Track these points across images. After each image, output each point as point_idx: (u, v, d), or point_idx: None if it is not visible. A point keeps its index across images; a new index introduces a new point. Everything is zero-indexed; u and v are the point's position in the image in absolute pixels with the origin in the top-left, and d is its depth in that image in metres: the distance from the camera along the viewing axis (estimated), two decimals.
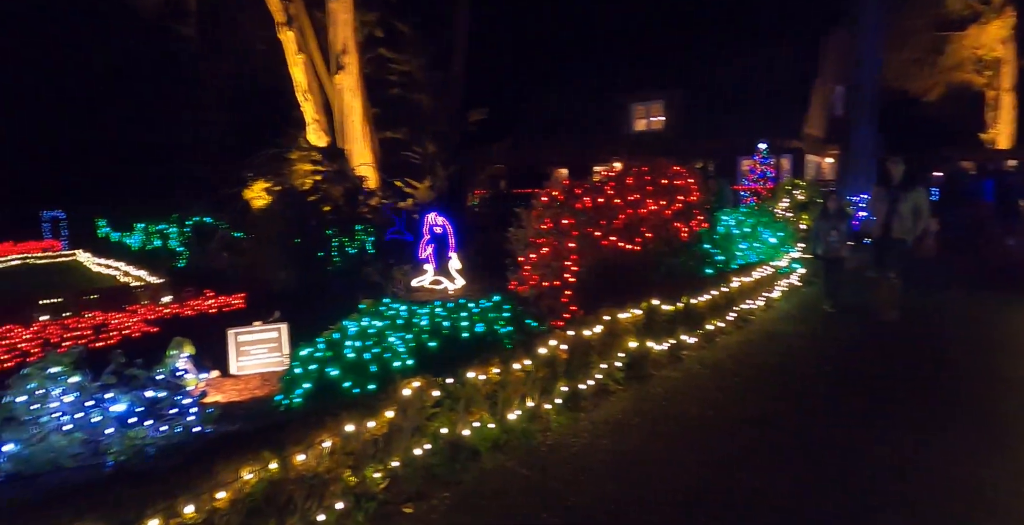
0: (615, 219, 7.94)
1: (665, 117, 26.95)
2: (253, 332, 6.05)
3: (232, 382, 5.89)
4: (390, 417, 3.96)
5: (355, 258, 11.24)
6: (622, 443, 4.81)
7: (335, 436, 3.66)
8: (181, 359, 4.96)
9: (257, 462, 3.32)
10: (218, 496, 3.17)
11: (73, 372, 4.32)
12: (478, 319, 6.06)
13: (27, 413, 4.20)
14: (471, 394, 4.52)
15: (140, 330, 8.43)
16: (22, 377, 4.22)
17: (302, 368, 4.95)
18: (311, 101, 22.53)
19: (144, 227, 20.69)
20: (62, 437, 4.17)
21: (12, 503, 3.00)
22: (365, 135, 21.78)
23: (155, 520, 3.00)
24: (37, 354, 7.42)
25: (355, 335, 5.32)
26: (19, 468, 4.12)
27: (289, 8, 21.45)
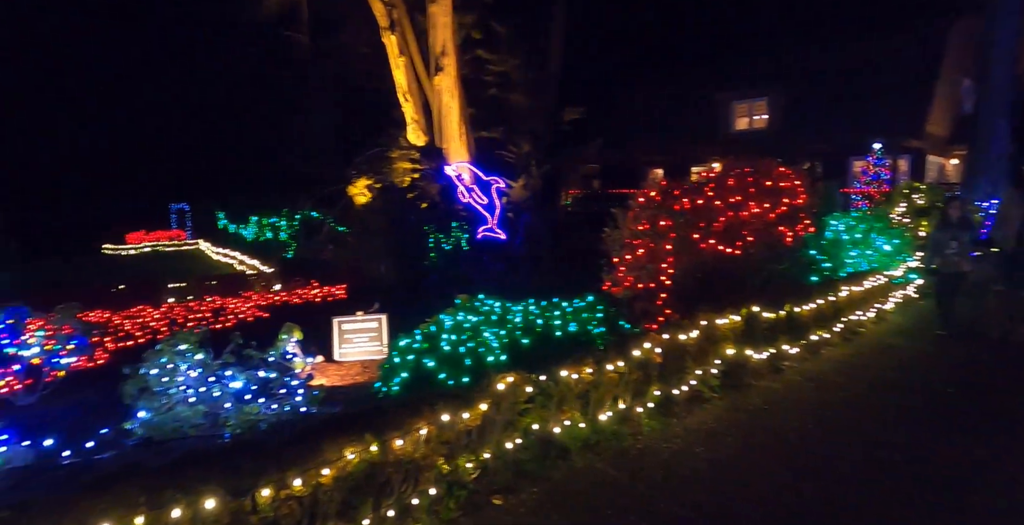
0: (715, 222, 7.68)
1: (768, 115, 25.72)
2: (356, 321, 6.35)
3: (335, 367, 6.21)
4: (484, 410, 4.04)
5: (450, 254, 11.54)
6: (716, 452, 4.66)
7: (431, 424, 3.78)
8: (291, 343, 5.27)
9: (359, 444, 3.49)
10: (324, 473, 3.36)
11: (198, 350, 4.71)
12: (571, 318, 6.06)
13: (158, 384, 4.63)
14: (564, 392, 4.53)
15: (253, 315, 9.08)
16: (155, 352, 4.65)
17: (400, 358, 5.14)
18: (411, 102, 23.31)
19: (257, 220, 22.24)
20: (187, 408, 4.56)
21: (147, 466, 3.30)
22: (462, 135, 22.27)
23: (267, 489, 3.23)
24: (164, 332, 8.18)
25: (451, 329, 5.46)
26: (150, 433, 4.56)
27: (392, 13, 22.30)
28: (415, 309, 7.42)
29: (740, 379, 6.03)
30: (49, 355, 5.83)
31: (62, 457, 4.41)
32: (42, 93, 35.28)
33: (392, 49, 22.82)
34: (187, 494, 3.08)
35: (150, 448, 4.40)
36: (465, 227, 12.71)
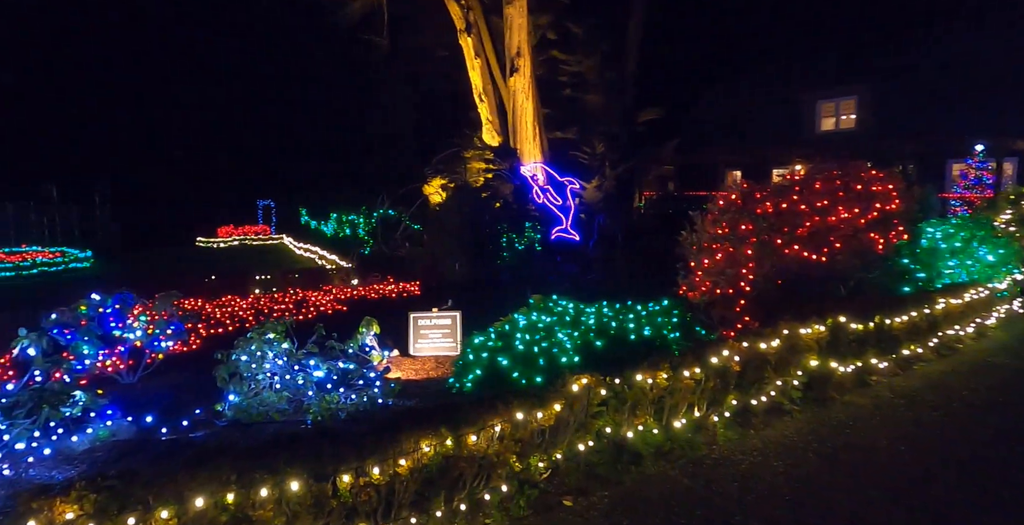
0: (800, 227, 7.37)
1: (857, 115, 24.35)
2: (431, 317, 6.49)
3: (410, 362, 6.37)
4: (557, 410, 4.04)
5: (523, 254, 11.60)
6: (796, 468, 4.46)
7: (506, 422, 3.81)
8: (369, 337, 5.45)
9: (435, 437, 3.56)
10: (400, 463, 3.46)
11: (284, 339, 4.95)
12: (646, 322, 5.96)
13: (247, 370, 4.89)
14: (638, 397, 4.46)
15: (332, 308, 9.43)
16: (245, 340, 4.92)
17: (474, 355, 5.21)
18: (486, 103, 23.61)
19: (337, 217, 23.11)
20: (272, 394, 4.79)
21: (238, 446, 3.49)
22: (536, 135, 22.36)
23: (347, 476, 3.35)
24: (251, 322, 8.62)
25: (524, 328, 5.49)
26: (238, 416, 4.82)
27: (469, 15, 22.63)
28: (487, 307, 7.51)
29: (823, 392, 5.76)
30: (150, 338, 6.27)
31: (160, 433, 4.73)
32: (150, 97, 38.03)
33: (468, 51, 23.17)
34: (274, 475, 3.23)
35: (238, 429, 4.66)
36: (538, 227, 12.75)
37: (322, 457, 3.33)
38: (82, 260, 19.18)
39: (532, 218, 14.21)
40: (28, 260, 17.56)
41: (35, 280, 16.24)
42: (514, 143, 22.37)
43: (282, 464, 3.26)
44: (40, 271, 17.11)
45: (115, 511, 3.04)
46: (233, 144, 38.46)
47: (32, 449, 4.34)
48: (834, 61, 25.45)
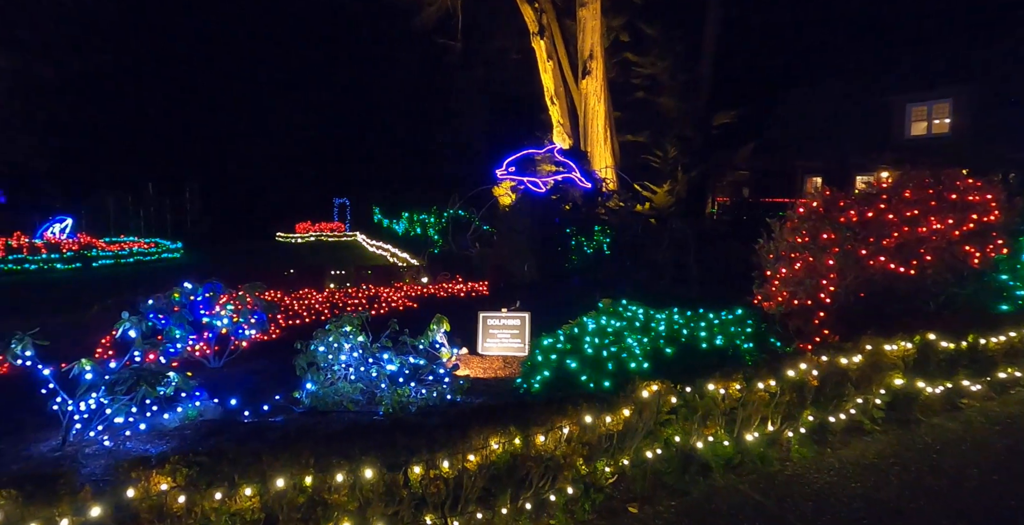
0: (887, 237, 7.00)
1: (951, 119, 22.81)
2: (500, 317, 6.57)
3: (478, 360, 6.46)
4: (626, 416, 4.01)
5: (591, 257, 11.54)
6: (876, 491, 4.25)
7: (574, 424, 3.82)
8: (439, 334, 5.56)
9: (504, 435, 3.61)
10: (470, 458, 3.52)
11: (359, 333, 5.13)
12: (718, 331, 5.83)
13: (324, 361, 5.10)
14: (709, 407, 4.37)
15: (404, 304, 9.68)
16: (324, 331, 5.13)
17: (542, 357, 5.24)
18: (557, 105, 23.63)
19: (409, 216, 23.69)
20: (347, 385, 4.98)
21: (316, 432, 3.66)
22: (607, 138, 22.21)
23: (418, 467, 3.44)
24: (326, 315, 8.97)
25: (593, 332, 5.47)
26: (315, 404, 5.03)
27: (542, 18, 22.72)
28: (555, 310, 7.53)
29: (908, 413, 5.45)
30: (235, 326, 6.63)
31: (243, 416, 4.99)
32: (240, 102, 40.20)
33: (541, 54, 23.25)
34: (350, 462, 3.36)
35: (315, 417, 4.87)
36: (607, 231, 12.64)
37: (395, 448, 3.44)
38: (173, 251, 20.48)
39: (601, 221, 14.11)
40: (125, 249, 18.90)
41: (131, 268, 17.47)
42: (585, 146, 22.29)
43: (357, 452, 3.39)
44: (136, 260, 18.40)
45: (204, 485, 3.24)
46: (313, 144, 40.14)
47: (129, 423, 4.68)
48: (927, 62, 23.97)
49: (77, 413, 4.58)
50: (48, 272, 16.23)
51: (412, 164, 36.43)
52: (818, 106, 27.28)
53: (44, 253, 17.08)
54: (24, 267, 16.26)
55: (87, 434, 4.62)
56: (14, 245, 17.77)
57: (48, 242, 19.01)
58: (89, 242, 19.52)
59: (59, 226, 21.61)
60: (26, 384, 5.43)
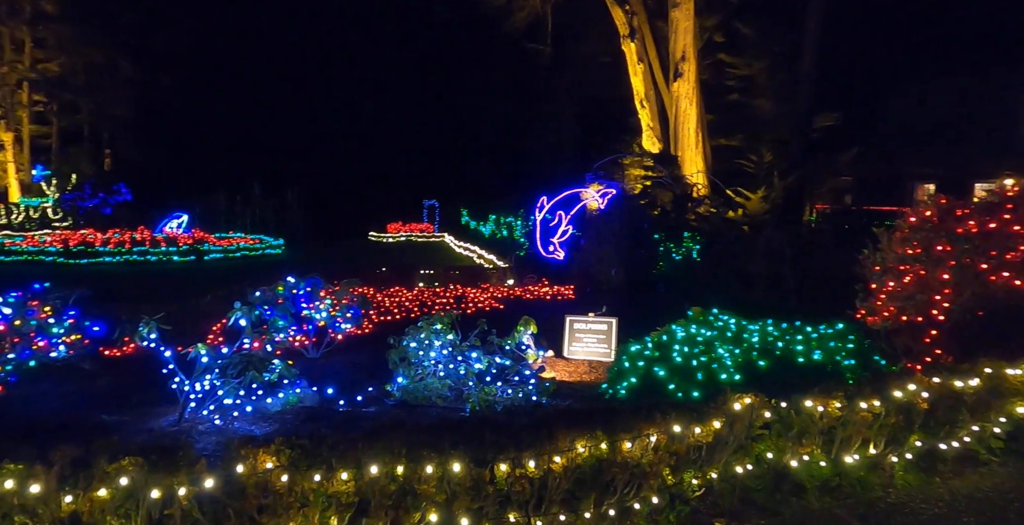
0: (1012, 251, 6.41)
1: None
2: (587, 322, 6.56)
3: (563, 363, 6.48)
4: (717, 427, 3.91)
5: (680, 264, 11.29)
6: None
7: (662, 433, 3.76)
8: (526, 335, 5.61)
9: (591, 439, 3.61)
10: (555, 460, 3.54)
11: (449, 331, 5.28)
12: (816, 345, 5.55)
13: (415, 356, 5.28)
14: (805, 424, 4.18)
15: (490, 305, 9.85)
16: (416, 328, 5.31)
17: (629, 363, 5.18)
18: (647, 108, 23.25)
19: (495, 218, 24.05)
20: (436, 381, 5.13)
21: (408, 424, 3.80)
22: (698, 142, 21.63)
23: (504, 464, 3.50)
24: (416, 313, 9.26)
25: (682, 340, 5.36)
26: (405, 397, 5.23)
27: (633, 20, 22.43)
28: (642, 316, 7.42)
29: None
30: (332, 320, 6.99)
31: (338, 404, 5.26)
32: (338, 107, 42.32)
33: (631, 56, 22.97)
34: (439, 454, 3.47)
35: (405, 409, 5.05)
36: (697, 237, 12.31)
37: (483, 444, 3.52)
38: (275, 247, 21.79)
39: (691, 228, 13.76)
40: (233, 245, 20.30)
41: (238, 262, 18.74)
42: (675, 150, 21.82)
43: (447, 445, 3.49)
44: (242, 254, 19.72)
45: (305, 467, 3.44)
46: (406, 148, 41.59)
47: (237, 405, 5.04)
48: None
49: (192, 393, 4.98)
50: (166, 263, 17.70)
51: (500, 167, 36.96)
52: (931, 107, 25.32)
53: (163, 246, 18.64)
54: (146, 258, 17.83)
55: (200, 412, 5.01)
56: (138, 238, 19.50)
57: (167, 236, 20.71)
58: (202, 237, 21.11)
59: (176, 222, 23.50)
60: (149, 363, 5.96)
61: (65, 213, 30.68)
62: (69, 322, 6.54)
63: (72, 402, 5.59)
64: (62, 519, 3.35)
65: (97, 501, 3.35)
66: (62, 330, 6.46)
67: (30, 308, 6.38)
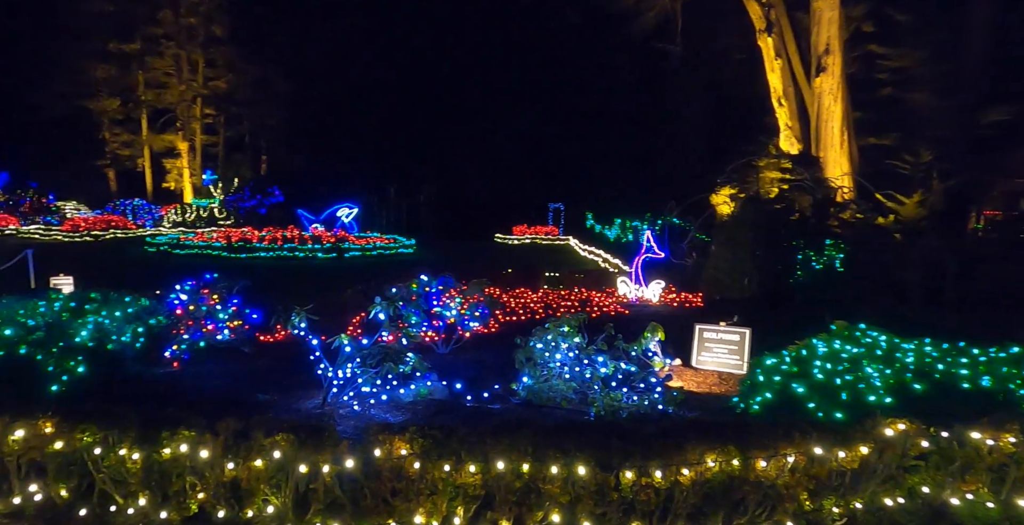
0: None
1: None
2: (718, 331, 6.30)
3: (692, 373, 6.27)
4: (864, 453, 3.61)
5: (821, 274, 10.51)
6: None
7: (800, 454, 3.53)
8: (653, 342, 5.49)
9: (722, 454, 3.47)
10: (683, 472, 3.45)
11: (576, 334, 5.29)
12: (984, 370, 4.94)
13: (541, 358, 5.35)
14: (970, 458, 3.75)
15: (615, 310, 9.74)
16: (543, 329, 5.38)
17: (764, 377, 4.91)
18: (785, 107, 21.86)
19: (621, 222, 23.75)
20: (562, 383, 5.17)
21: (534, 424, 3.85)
22: (843, 142, 20.05)
23: (630, 472, 3.46)
24: (540, 314, 9.37)
25: (824, 356, 5.00)
26: (529, 397, 5.31)
27: (770, 14, 21.16)
28: (777, 328, 7.01)
29: None
30: (461, 318, 7.25)
31: (465, 399, 5.44)
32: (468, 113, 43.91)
33: (768, 52, 21.74)
34: (565, 456, 3.50)
35: (529, 409, 5.13)
36: (841, 245, 11.39)
37: (609, 450, 3.50)
38: (408, 246, 22.99)
39: (834, 235, 12.77)
40: (370, 244, 21.68)
41: (373, 259, 19.99)
42: (816, 151, 20.38)
43: (572, 448, 3.51)
44: (378, 253, 21.00)
45: (435, 456, 3.61)
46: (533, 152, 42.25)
47: (373, 393, 5.38)
48: None
49: (335, 379, 5.38)
50: (311, 259, 19.25)
51: (627, 171, 36.46)
52: None
53: (309, 243, 20.31)
54: (295, 254, 19.51)
55: (341, 397, 5.40)
56: (288, 236, 21.40)
57: (313, 235, 22.54)
58: (343, 236, 22.75)
59: (345, 211, 25.48)
60: (297, 350, 6.53)
61: (228, 212, 34.39)
62: (232, 309, 7.31)
63: (233, 380, 6.23)
64: (224, 483, 3.77)
65: (254, 470, 3.73)
66: (227, 316, 7.24)
67: (202, 295, 7.22)
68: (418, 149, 43.79)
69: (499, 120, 42.91)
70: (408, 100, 44.40)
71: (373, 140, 43.87)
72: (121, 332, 6.62)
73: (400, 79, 44.47)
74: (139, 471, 3.80)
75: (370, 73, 43.92)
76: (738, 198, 17.23)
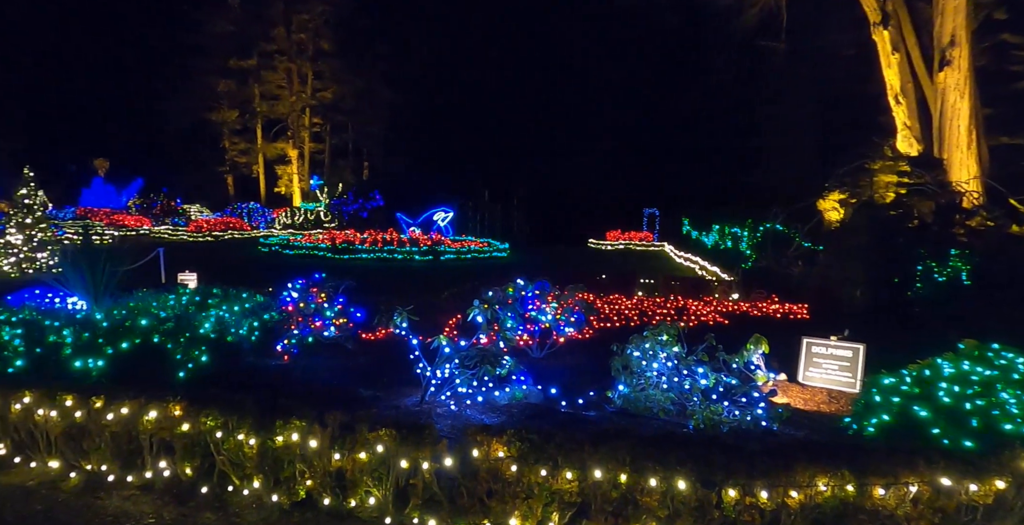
0: None
1: None
2: (828, 346, 5.94)
3: (798, 389, 5.95)
4: (1000, 488, 3.27)
5: (944, 287, 9.64)
6: None
7: (925, 484, 3.26)
8: (756, 355, 5.25)
9: (835, 478, 3.26)
10: (792, 494, 3.27)
11: (675, 343, 5.15)
12: None
13: (638, 366, 5.26)
14: None
15: (713, 319, 9.40)
16: (641, 337, 5.28)
17: (881, 397, 4.57)
18: (903, 105, 20.29)
19: (720, 228, 22.93)
20: (659, 393, 5.05)
21: (632, 433, 3.78)
22: (971, 142, 18.35)
23: (733, 490, 3.32)
24: (635, 321, 9.21)
25: (951, 378, 4.58)
26: (626, 406, 5.23)
27: (886, 5, 19.71)
28: (893, 346, 6.51)
29: None
30: (556, 323, 7.26)
31: (560, 405, 5.44)
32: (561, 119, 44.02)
33: (884, 46, 20.28)
34: (664, 469, 3.41)
35: (625, 418, 5.05)
36: (968, 255, 10.42)
37: (711, 465, 3.38)
38: (501, 250, 23.31)
39: (959, 244, 11.70)
40: (465, 247, 22.17)
41: (468, 262, 20.42)
42: (939, 152, 18.78)
43: (673, 461, 3.42)
44: (472, 256, 21.44)
45: (532, 461, 3.62)
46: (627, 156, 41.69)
47: (470, 394, 5.48)
48: None
49: (434, 378, 5.53)
50: (409, 262, 19.94)
51: (726, 175, 35.20)
52: None
53: (407, 246, 21.06)
54: (393, 256, 20.29)
55: (438, 397, 5.55)
56: (387, 239, 22.29)
57: (410, 237, 23.34)
58: (439, 239, 23.42)
59: (441, 214, 26.33)
60: (397, 348, 6.78)
61: (333, 216, 36.30)
62: (338, 307, 7.70)
63: (337, 375, 6.54)
64: (330, 472, 3.97)
65: (358, 462, 3.90)
66: (333, 314, 7.63)
67: (311, 294, 7.65)
68: (512, 153, 44.39)
69: (594, 124, 42.69)
70: (503, 105, 45.12)
71: (468, 145, 44.93)
72: (239, 325, 7.14)
73: (496, 84, 45.27)
74: (255, 456, 4.07)
75: (467, 78, 45.05)
76: (848, 204, 16.17)
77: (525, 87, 45.20)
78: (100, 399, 4.46)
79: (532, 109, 44.86)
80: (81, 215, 32.40)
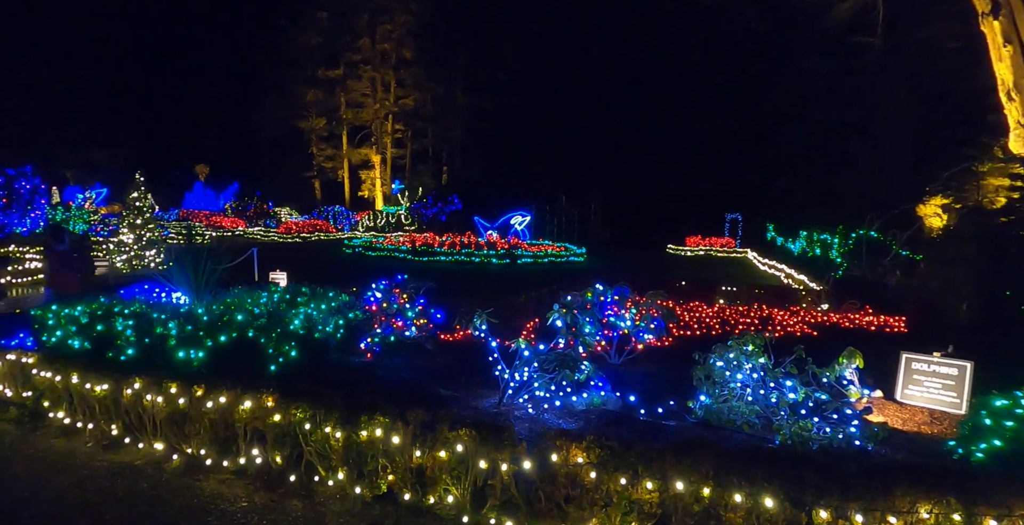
0: None
1: None
2: (930, 363, 5.53)
3: (895, 408, 5.58)
4: None
5: None
6: None
7: None
8: (849, 369, 4.97)
9: (940, 506, 3.04)
10: (890, 520, 3.08)
11: (761, 354, 4.95)
12: None
13: (721, 376, 5.09)
14: None
15: (800, 330, 8.95)
16: (725, 347, 5.11)
17: (992, 420, 4.22)
18: (1017, 101, 18.61)
19: (807, 235, 21.89)
20: (744, 405, 4.87)
21: (716, 446, 3.67)
22: None
23: (825, 512, 3.16)
24: (716, 330, 8.93)
25: None
26: (707, 417, 5.08)
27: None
28: (1003, 364, 6.02)
29: None
30: (636, 329, 7.14)
31: (639, 413, 5.34)
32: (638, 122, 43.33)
33: (994, 37, 18.70)
34: (751, 485, 3.29)
35: (707, 430, 4.90)
36: None
37: (802, 484, 3.23)
38: (578, 255, 23.21)
39: None
40: (542, 251, 22.21)
41: (545, 266, 20.45)
42: None
43: (759, 477, 3.30)
44: (549, 260, 21.46)
45: (612, 468, 3.59)
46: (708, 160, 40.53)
47: (547, 398, 5.48)
48: None
49: (512, 381, 5.57)
50: (486, 265, 20.19)
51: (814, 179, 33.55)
52: None
53: (484, 249, 21.33)
54: (471, 259, 20.60)
55: (516, 400, 5.58)
56: (465, 242, 22.66)
57: (488, 241, 23.64)
58: (516, 243, 23.58)
59: (519, 218, 26.65)
60: (475, 350, 6.88)
61: (413, 219, 37.32)
62: (419, 308, 7.90)
63: (417, 374, 6.71)
64: (411, 468, 4.07)
65: (438, 460, 3.99)
66: (414, 314, 7.84)
67: (393, 294, 7.89)
68: (590, 157, 44.14)
69: (674, 127, 41.77)
70: (581, 108, 44.96)
71: (545, 149, 45.05)
72: (326, 323, 7.46)
73: (574, 87, 45.17)
74: (340, 448, 4.24)
75: (545, 83, 45.22)
76: (953, 209, 15.04)
77: (604, 90, 44.86)
78: (200, 388, 4.79)
79: (610, 112, 44.47)
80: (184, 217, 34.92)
